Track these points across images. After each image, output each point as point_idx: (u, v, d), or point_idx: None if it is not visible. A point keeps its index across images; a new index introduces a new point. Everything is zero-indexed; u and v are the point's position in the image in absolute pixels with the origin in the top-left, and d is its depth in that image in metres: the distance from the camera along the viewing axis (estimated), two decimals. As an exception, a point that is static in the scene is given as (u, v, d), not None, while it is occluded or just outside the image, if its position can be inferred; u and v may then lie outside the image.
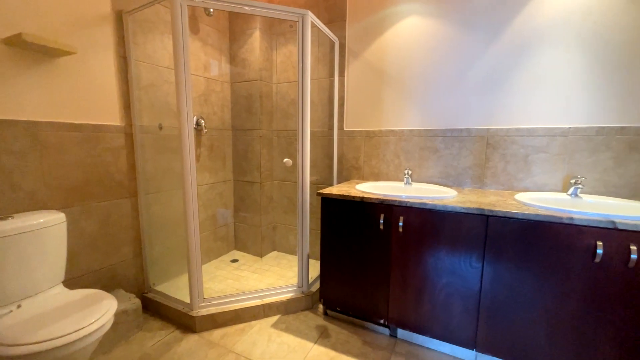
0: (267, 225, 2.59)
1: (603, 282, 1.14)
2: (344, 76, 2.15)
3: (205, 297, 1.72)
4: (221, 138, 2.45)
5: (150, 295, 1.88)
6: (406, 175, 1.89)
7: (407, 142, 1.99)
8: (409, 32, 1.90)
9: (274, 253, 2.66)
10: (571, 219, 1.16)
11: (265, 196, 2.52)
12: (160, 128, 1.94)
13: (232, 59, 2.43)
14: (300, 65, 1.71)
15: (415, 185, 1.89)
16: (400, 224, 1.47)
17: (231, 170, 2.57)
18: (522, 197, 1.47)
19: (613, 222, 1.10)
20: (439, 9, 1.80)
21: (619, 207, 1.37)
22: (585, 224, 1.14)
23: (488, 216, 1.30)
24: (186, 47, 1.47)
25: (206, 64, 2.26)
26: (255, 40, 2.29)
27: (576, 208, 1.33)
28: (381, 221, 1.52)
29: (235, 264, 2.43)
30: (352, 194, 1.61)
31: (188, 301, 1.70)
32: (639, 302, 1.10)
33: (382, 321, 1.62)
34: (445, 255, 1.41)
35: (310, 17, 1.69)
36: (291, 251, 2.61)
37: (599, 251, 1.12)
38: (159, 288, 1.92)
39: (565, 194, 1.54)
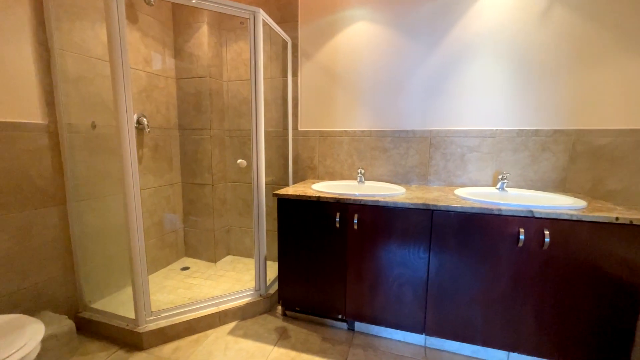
0: (221, 228, 2.48)
1: (525, 263, 1.32)
2: (297, 76, 2.16)
3: (153, 310, 1.59)
4: (167, 138, 2.28)
5: (85, 314, 1.67)
6: (359, 174, 1.97)
7: (359, 142, 2.07)
8: (358, 37, 1.98)
9: (229, 257, 2.57)
10: (499, 210, 1.32)
11: (218, 198, 2.41)
12: (94, 127, 1.74)
13: (178, 53, 2.27)
14: (253, 63, 1.67)
15: (368, 183, 1.98)
16: (355, 221, 1.53)
17: (179, 172, 2.41)
18: (460, 192, 1.64)
19: (531, 212, 1.29)
20: (385, 17, 1.91)
21: (535, 199, 1.60)
22: (510, 214, 1.31)
23: (433, 210, 1.42)
24: (123, 37, 1.34)
25: (147, 57, 2.08)
26: (203, 34, 2.18)
27: (503, 200, 1.52)
28: (337, 219, 1.56)
29: (186, 272, 2.29)
30: (309, 194, 1.63)
31: (133, 316, 1.55)
32: (553, 278, 1.30)
33: (340, 316, 1.66)
34: (397, 248, 1.50)
35: (262, 15, 1.66)
36: (247, 254, 2.54)
37: (522, 237, 1.29)
38: (96, 305, 1.72)
39: (494, 188, 1.76)
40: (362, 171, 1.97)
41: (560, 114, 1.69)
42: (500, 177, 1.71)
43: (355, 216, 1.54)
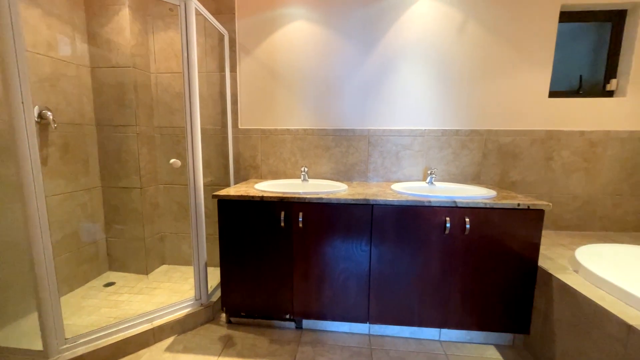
0: (153, 236, 2.24)
1: (451, 248, 1.49)
2: (235, 72, 2.06)
3: (67, 337, 1.36)
4: (80, 135, 1.96)
5: (-30, 353, 1.35)
6: (303, 173, 1.98)
7: (302, 141, 2.08)
8: (298, 35, 1.98)
9: (164, 267, 2.34)
10: (429, 202, 1.46)
11: (149, 203, 2.17)
12: (-24, 121, 1.41)
13: (92, 38, 1.97)
14: (185, 55, 1.55)
15: (311, 181, 2.00)
16: (300, 219, 1.54)
17: (98, 174, 2.10)
18: (396, 187, 1.76)
19: (455, 202, 1.45)
20: (323, 18, 1.95)
21: (458, 190, 1.81)
22: (438, 205, 1.46)
23: (372, 205, 1.50)
24: (15, 12, 1.11)
25: (51, 41, 1.76)
26: (124, 19, 1.93)
27: (432, 193, 1.69)
28: (282, 218, 1.54)
29: (110, 288, 2.01)
30: (252, 194, 1.57)
31: (40, 347, 1.30)
32: (472, 260, 1.49)
33: (287, 316, 1.65)
34: (341, 243, 1.55)
35: (195, 3, 1.54)
36: (186, 262, 2.35)
37: (448, 225, 1.45)
38: (-14, 341, 1.40)
39: (424, 182, 1.94)
40: (306, 169, 1.98)
41: (474, 116, 1.94)
42: (429, 172, 1.89)
43: (300, 214, 1.54)
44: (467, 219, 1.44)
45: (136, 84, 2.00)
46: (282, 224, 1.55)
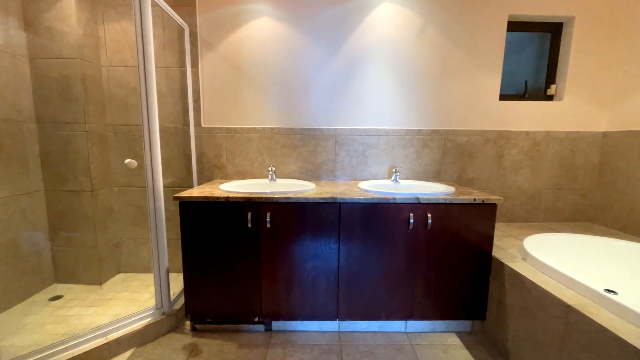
0: (107, 243, 2.07)
1: (414, 243, 1.55)
2: (197, 67, 1.97)
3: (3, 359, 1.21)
4: (17, 133, 1.75)
5: None
6: (270, 172, 1.95)
7: (269, 140, 2.04)
8: (264, 33, 1.95)
9: (120, 276, 2.17)
10: (394, 199, 1.51)
11: (101, 207, 2.00)
12: None
13: (31, 25, 1.77)
14: (141, 48, 1.44)
15: (279, 181, 1.98)
16: (268, 219, 1.51)
17: (40, 177, 1.89)
18: (363, 185, 1.80)
19: (417, 198, 1.52)
20: (290, 16, 1.93)
21: (420, 187, 1.90)
22: (402, 201, 1.52)
23: (340, 203, 1.52)
24: None
25: (-22, 25, 1.55)
26: (69, 6, 1.76)
27: (397, 190, 1.75)
28: (249, 219, 1.50)
29: (57, 302, 1.82)
30: (216, 195, 1.51)
31: (-31, 375, 1.15)
32: (434, 253, 1.56)
33: (256, 319, 1.62)
34: (310, 242, 1.55)
35: (150, -7, 1.45)
36: (145, 269, 2.20)
37: (411, 220, 1.51)
38: None
39: (389, 180, 2.00)
40: (273, 169, 1.95)
41: (434, 117, 2.04)
42: (394, 170, 1.96)
43: (268, 215, 1.51)
44: (429, 215, 1.52)
45: (84, 77, 1.83)
46: (249, 225, 1.51)
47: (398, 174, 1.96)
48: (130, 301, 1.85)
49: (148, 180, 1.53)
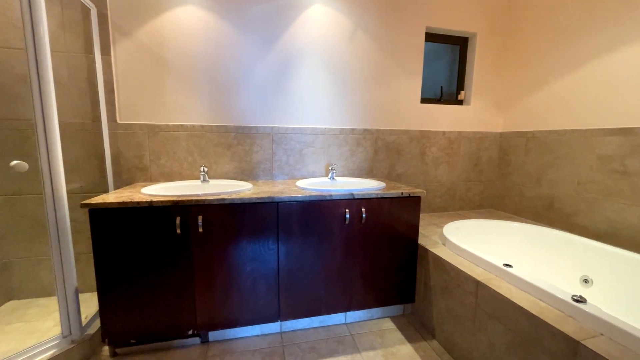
0: (-10, 265, 1.68)
1: (351, 237, 1.62)
2: (109, 55, 1.73)
3: None
4: None
5: None
6: (202, 173, 1.82)
7: (200, 138, 1.90)
8: (192, 23, 1.80)
9: (11, 304, 1.78)
10: (331, 195, 1.55)
11: (-21, 222, 1.61)
12: None
13: None
14: (29, 27, 1.20)
15: (213, 182, 1.86)
16: (200, 223, 1.40)
17: None
18: (300, 183, 1.81)
19: (352, 194, 1.58)
20: (218, 6, 1.82)
21: (355, 184, 1.99)
22: (338, 198, 1.57)
23: (278, 202, 1.50)
24: None
25: None
26: None
27: (334, 187, 1.80)
28: (178, 224, 1.38)
29: None
30: (137, 199, 1.35)
31: None
32: (369, 245, 1.66)
33: (191, 332, 1.49)
34: (247, 244, 1.49)
35: (41, -39, 1.21)
36: (46, 292, 1.84)
37: (347, 216, 1.58)
38: None
39: (326, 178, 2.05)
40: (206, 169, 1.82)
41: (366, 117, 2.16)
42: (330, 168, 2.01)
43: (200, 218, 1.41)
44: (363, 209, 1.60)
45: (-54, 58, 1.44)
46: (179, 231, 1.39)
47: (334, 171, 2.02)
48: (27, 332, 1.53)
49: (46, 186, 1.28)
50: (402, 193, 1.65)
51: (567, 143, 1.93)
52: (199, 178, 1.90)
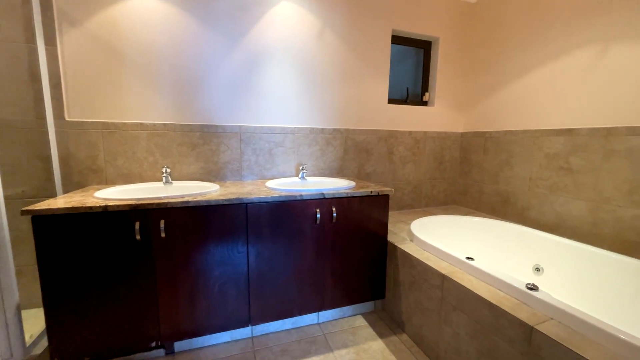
0: None
1: (322, 236, 1.62)
2: (55, 46, 1.57)
3: None
4: None
5: None
6: (165, 174, 1.72)
7: (162, 138, 1.80)
8: (150, 15, 1.69)
9: (-63, 326, 1.55)
10: (301, 195, 1.54)
11: None
12: None
13: None
14: (-47, 9, 1.05)
15: (176, 183, 1.76)
16: (162, 227, 1.32)
17: None
18: (270, 183, 1.77)
19: (323, 194, 1.58)
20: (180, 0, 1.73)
21: (326, 183, 1.99)
22: (309, 197, 1.56)
23: (247, 204, 1.45)
24: None
25: None
26: None
27: (304, 187, 1.79)
28: (137, 230, 1.28)
29: None
30: (90, 204, 1.23)
31: None
32: (340, 244, 1.66)
33: (154, 344, 1.40)
34: (215, 248, 1.43)
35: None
36: (-18, 311, 1.63)
37: (318, 215, 1.57)
38: None
39: (297, 177, 2.03)
40: (168, 170, 1.72)
41: (336, 116, 2.17)
42: (301, 167, 2.00)
43: (162, 222, 1.32)
44: (333, 209, 1.60)
45: None
46: (138, 237, 1.29)
47: (305, 171, 2.00)
48: (-44, 359, 1.34)
49: (-23, 191, 1.13)
50: (371, 192, 1.68)
51: (520, 143, 2.09)
52: (161, 179, 1.80)
